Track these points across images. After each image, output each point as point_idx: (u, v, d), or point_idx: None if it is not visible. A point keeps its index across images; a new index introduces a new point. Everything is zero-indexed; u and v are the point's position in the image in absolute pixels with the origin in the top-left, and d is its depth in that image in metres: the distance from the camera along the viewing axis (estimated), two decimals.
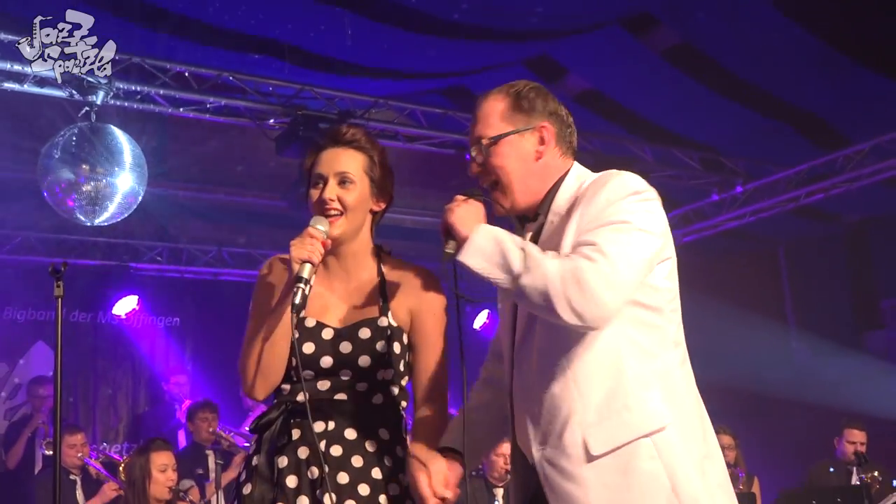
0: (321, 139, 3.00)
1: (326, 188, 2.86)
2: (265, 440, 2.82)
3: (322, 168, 2.90)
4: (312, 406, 2.75)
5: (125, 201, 7.06)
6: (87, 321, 10.35)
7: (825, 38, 8.17)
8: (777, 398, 10.42)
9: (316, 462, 2.74)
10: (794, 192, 9.88)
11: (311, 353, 2.82)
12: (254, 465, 2.83)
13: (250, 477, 2.82)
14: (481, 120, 2.80)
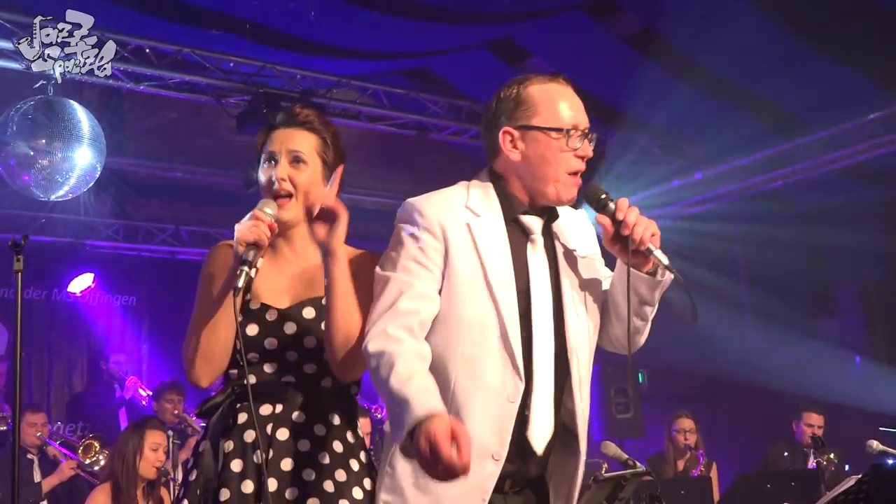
0: (273, 119, 2.94)
1: (278, 167, 2.82)
2: (210, 425, 2.78)
3: (274, 146, 2.85)
4: (259, 389, 2.72)
5: (82, 177, 6.96)
6: (41, 298, 10.23)
7: (786, 26, 8.25)
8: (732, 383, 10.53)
9: (263, 447, 2.69)
10: (752, 179, 9.96)
11: (255, 335, 2.76)
12: (200, 450, 2.77)
13: (196, 463, 2.76)
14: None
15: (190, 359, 2.72)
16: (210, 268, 2.84)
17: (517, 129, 2.72)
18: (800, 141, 9.45)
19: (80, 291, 10.25)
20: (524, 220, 2.73)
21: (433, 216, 2.66)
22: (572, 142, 2.68)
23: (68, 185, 6.94)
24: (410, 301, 2.58)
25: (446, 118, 9.35)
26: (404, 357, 2.48)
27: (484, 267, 2.63)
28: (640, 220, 2.65)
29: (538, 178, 2.70)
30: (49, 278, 10.14)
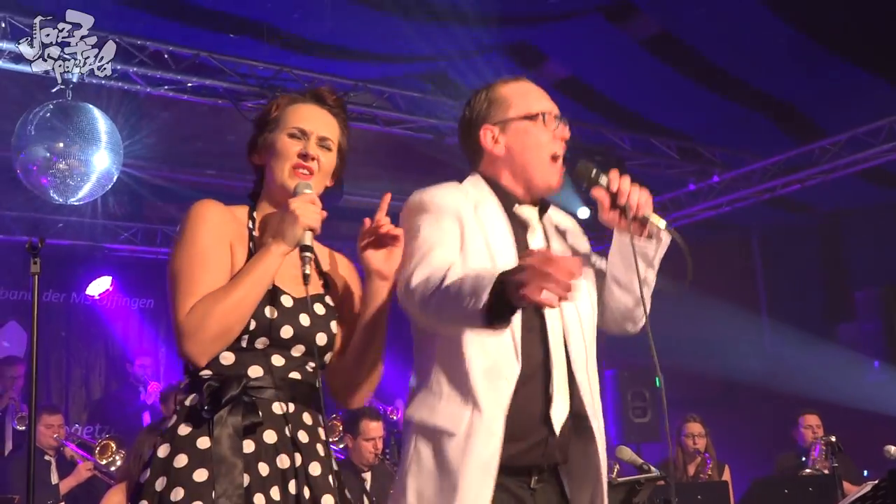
0: (297, 93, 2.82)
1: (309, 144, 2.66)
2: (223, 421, 2.44)
3: (305, 123, 2.68)
4: (266, 383, 2.52)
5: (100, 180, 7.00)
6: (60, 301, 10.29)
7: (803, 29, 8.22)
8: (749, 388, 10.49)
9: (285, 449, 2.50)
10: (769, 183, 9.93)
11: (274, 318, 2.54)
12: (203, 448, 2.43)
13: (203, 461, 2.41)
14: None
15: (205, 332, 2.42)
16: (209, 228, 2.56)
17: (496, 126, 2.85)
18: (817, 144, 9.41)
19: (98, 294, 10.31)
20: (520, 212, 2.84)
21: (449, 201, 2.74)
22: (549, 123, 2.84)
23: (86, 188, 6.97)
24: (442, 254, 2.63)
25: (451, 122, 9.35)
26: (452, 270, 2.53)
27: (491, 253, 2.68)
28: (634, 189, 2.77)
29: (525, 165, 2.82)
30: (68, 281, 10.21)
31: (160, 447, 2.46)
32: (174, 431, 2.48)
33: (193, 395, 2.51)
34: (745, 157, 10.17)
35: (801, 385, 9.46)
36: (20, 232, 9.50)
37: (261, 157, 2.73)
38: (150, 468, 2.45)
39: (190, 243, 2.54)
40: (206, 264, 2.52)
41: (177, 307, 2.48)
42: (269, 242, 2.53)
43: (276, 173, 2.66)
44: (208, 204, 2.62)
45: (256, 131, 2.75)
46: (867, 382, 10.00)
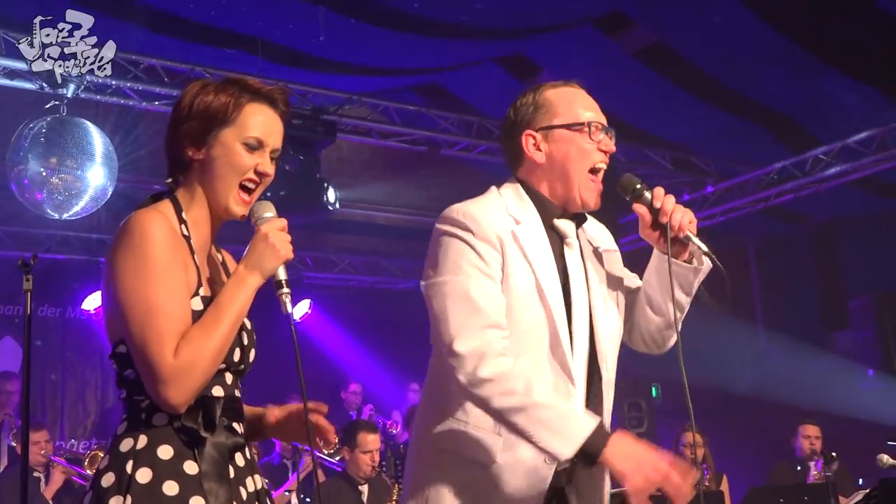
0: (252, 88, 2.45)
1: (264, 161, 2.42)
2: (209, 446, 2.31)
3: (262, 132, 2.41)
4: (226, 405, 2.37)
5: (95, 195, 6.99)
6: (55, 316, 10.27)
7: (797, 40, 8.25)
8: (745, 397, 10.50)
9: (251, 471, 2.42)
10: (763, 193, 9.96)
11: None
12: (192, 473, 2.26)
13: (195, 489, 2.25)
14: None
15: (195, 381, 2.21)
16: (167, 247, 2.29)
17: (539, 132, 2.75)
18: (811, 154, 9.44)
19: (94, 309, 10.29)
20: (559, 225, 2.75)
21: (488, 225, 2.63)
22: (594, 134, 2.75)
23: (81, 203, 6.97)
24: (487, 298, 2.57)
25: (457, 134, 9.37)
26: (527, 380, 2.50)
27: (535, 275, 2.63)
28: (678, 208, 2.71)
29: (563, 178, 2.73)
30: (63, 296, 10.18)
31: (138, 470, 2.22)
32: (152, 453, 2.24)
33: (161, 414, 2.27)
34: (739, 168, 10.20)
35: (797, 393, 9.47)
36: (14, 247, 9.49)
37: (203, 154, 2.41)
38: (127, 494, 2.20)
39: (155, 269, 2.23)
40: (176, 295, 2.25)
41: (157, 347, 2.19)
42: (244, 274, 2.33)
43: (220, 183, 2.40)
44: (157, 217, 2.31)
45: (203, 122, 2.39)
46: (861, 391, 10.02)
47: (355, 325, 11.43)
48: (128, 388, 2.34)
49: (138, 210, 2.35)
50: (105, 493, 2.22)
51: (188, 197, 2.44)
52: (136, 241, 2.26)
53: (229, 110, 2.39)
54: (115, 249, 2.30)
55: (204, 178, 2.42)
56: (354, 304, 11.75)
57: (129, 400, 2.33)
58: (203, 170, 2.42)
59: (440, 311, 2.57)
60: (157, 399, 2.21)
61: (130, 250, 2.26)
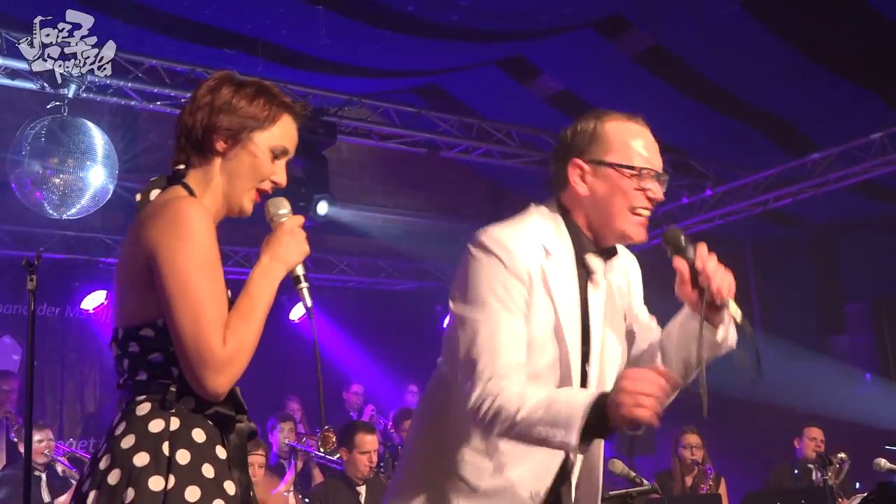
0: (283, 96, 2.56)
1: (281, 172, 2.53)
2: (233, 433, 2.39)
3: (289, 143, 2.53)
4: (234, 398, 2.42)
5: (95, 195, 7.02)
6: (54, 315, 10.29)
7: (795, 44, 8.27)
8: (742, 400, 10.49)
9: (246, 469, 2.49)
10: (762, 197, 9.97)
11: None
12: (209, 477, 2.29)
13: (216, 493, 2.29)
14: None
15: (239, 367, 2.29)
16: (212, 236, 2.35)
17: (589, 164, 2.68)
18: (810, 158, 9.45)
19: (93, 308, 10.31)
20: (589, 261, 2.70)
21: (520, 258, 2.57)
22: (644, 181, 2.66)
23: (81, 203, 7.00)
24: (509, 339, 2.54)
25: (457, 136, 9.39)
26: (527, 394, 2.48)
27: (557, 313, 2.59)
28: (719, 271, 2.62)
29: (603, 215, 2.67)
30: (62, 295, 10.20)
31: (177, 452, 2.26)
32: (188, 436, 2.29)
33: (189, 397, 2.32)
34: (738, 171, 10.21)
35: (794, 397, 9.49)
36: (14, 246, 9.51)
37: (229, 148, 2.48)
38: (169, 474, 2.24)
39: (205, 259, 2.30)
40: (222, 286, 2.33)
41: (209, 337, 2.24)
42: (270, 265, 2.41)
43: (239, 183, 2.48)
44: (203, 207, 2.37)
45: (240, 119, 2.47)
46: (859, 395, 10.04)
47: (354, 327, 11.46)
48: (148, 372, 2.35)
49: (179, 197, 2.38)
50: (141, 473, 2.23)
51: (201, 186, 2.48)
52: (185, 229, 2.29)
53: (268, 115, 2.48)
54: (159, 235, 2.30)
55: (226, 171, 2.48)
56: (353, 306, 11.77)
57: (152, 382, 2.34)
58: (227, 164, 2.48)
59: (464, 348, 2.55)
60: (201, 385, 2.25)
61: (180, 239, 2.28)
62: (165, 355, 2.32)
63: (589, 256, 2.69)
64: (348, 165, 11.77)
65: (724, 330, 2.69)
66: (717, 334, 2.67)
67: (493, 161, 9.71)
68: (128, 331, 2.37)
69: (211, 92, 2.50)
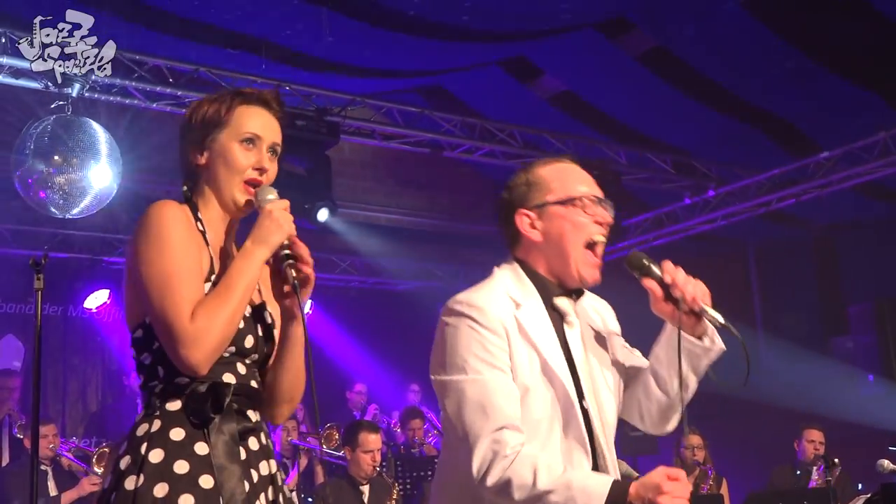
0: (245, 93, 2.65)
1: (262, 155, 2.58)
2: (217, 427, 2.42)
3: (259, 129, 2.58)
4: (238, 391, 2.48)
5: (99, 195, 7.02)
6: (57, 314, 10.30)
7: (798, 45, 8.28)
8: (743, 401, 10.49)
9: (264, 456, 2.52)
10: (765, 197, 9.97)
11: (240, 327, 2.49)
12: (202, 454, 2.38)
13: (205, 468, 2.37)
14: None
15: (212, 339, 2.35)
16: (183, 229, 2.47)
17: (534, 210, 2.73)
18: (813, 159, 9.45)
19: (95, 308, 10.32)
20: (558, 304, 2.72)
21: (494, 314, 2.60)
22: (589, 208, 2.71)
23: (84, 202, 7.00)
24: (497, 397, 2.53)
25: (459, 136, 9.39)
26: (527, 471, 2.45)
27: (541, 355, 2.61)
28: (689, 280, 2.66)
29: (560, 254, 2.70)
30: (65, 294, 10.22)
31: (151, 451, 2.35)
32: (164, 436, 2.37)
33: (175, 400, 2.41)
34: (741, 172, 10.22)
35: (796, 398, 9.49)
36: (18, 245, 9.53)
37: (205, 158, 2.58)
38: (140, 473, 2.32)
39: (170, 246, 2.41)
40: (191, 268, 2.43)
41: (175, 313, 2.34)
42: (250, 248, 2.47)
43: (223, 183, 2.57)
44: (173, 205, 2.50)
45: (202, 129, 2.58)
46: (861, 396, 10.03)
47: (356, 326, 11.47)
48: (144, 375, 2.48)
49: (153, 204, 2.51)
50: (122, 475, 2.35)
51: (201, 200, 2.61)
52: (153, 222, 2.45)
53: (222, 113, 2.58)
54: (134, 236, 2.47)
55: (210, 179, 2.60)
56: (355, 305, 11.79)
57: (146, 387, 2.47)
58: (208, 172, 2.60)
59: (454, 415, 2.56)
60: (178, 361, 2.35)
61: (147, 232, 2.44)
62: (153, 356, 2.45)
63: (557, 299, 2.72)
64: (351, 165, 11.78)
65: (709, 337, 2.70)
66: (704, 342, 2.69)
67: (495, 161, 9.71)
68: (131, 336, 2.51)
69: (183, 123, 2.64)
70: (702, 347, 2.69)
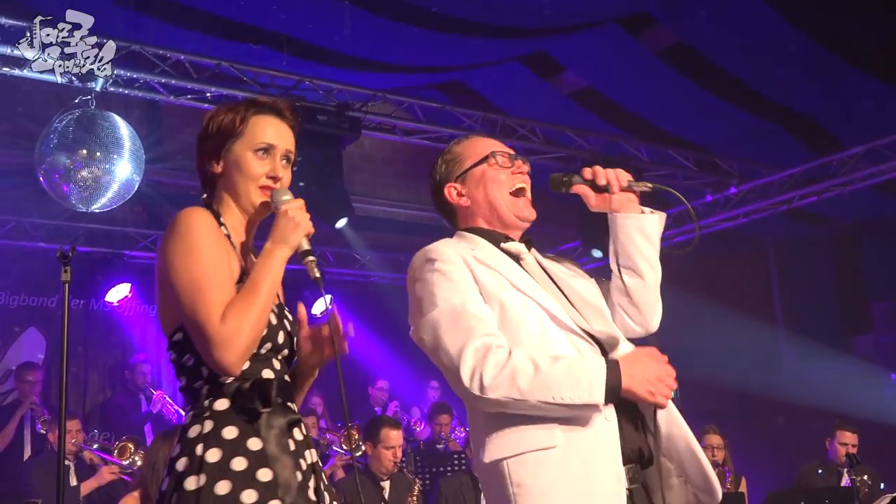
0: (259, 102, 2.76)
1: (277, 164, 2.68)
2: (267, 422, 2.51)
3: (272, 138, 2.68)
4: (280, 385, 2.58)
5: (121, 189, 7.06)
6: (79, 308, 10.33)
7: (821, 41, 8.23)
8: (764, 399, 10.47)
9: (307, 446, 2.61)
10: (786, 195, 9.92)
11: (273, 323, 2.61)
12: (256, 449, 2.46)
13: (262, 462, 2.46)
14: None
15: (243, 340, 2.43)
16: (212, 235, 2.57)
17: (457, 181, 2.97)
18: (835, 156, 9.40)
19: (117, 301, 10.37)
20: (508, 248, 2.90)
21: (451, 253, 2.79)
22: (502, 161, 2.94)
23: (107, 197, 7.04)
24: (470, 313, 2.67)
25: (480, 132, 9.37)
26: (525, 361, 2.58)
27: (505, 276, 2.76)
28: (608, 169, 2.92)
29: (493, 209, 2.91)
30: (87, 288, 10.26)
31: (208, 451, 2.43)
32: (218, 435, 2.45)
33: (222, 399, 2.50)
34: (763, 169, 10.17)
35: (817, 397, 9.45)
36: (41, 239, 9.58)
37: (221, 167, 2.69)
38: (200, 473, 2.40)
39: (200, 250, 2.51)
40: (221, 272, 2.52)
41: (206, 316, 2.43)
42: (271, 248, 2.57)
43: (240, 190, 2.67)
44: (202, 212, 2.61)
45: (218, 139, 2.69)
46: (883, 394, 9.98)
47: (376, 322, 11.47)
48: (187, 376, 2.56)
49: (181, 211, 2.59)
50: (181, 476, 2.43)
51: (222, 207, 2.72)
52: (182, 229, 2.54)
53: (237, 124, 2.68)
54: (164, 242, 2.56)
55: (227, 187, 2.71)
56: (375, 301, 11.79)
57: (189, 388, 2.56)
58: (225, 180, 2.71)
59: (434, 344, 2.70)
60: (212, 363, 2.45)
61: (177, 238, 2.53)
62: (195, 357, 2.52)
63: (505, 244, 2.90)
64: (371, 161, 11.79)
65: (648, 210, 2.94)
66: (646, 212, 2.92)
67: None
68: (168, 341, 2.59)
69: (200, 133, 2.73)
70: (645, 217, 2.91)
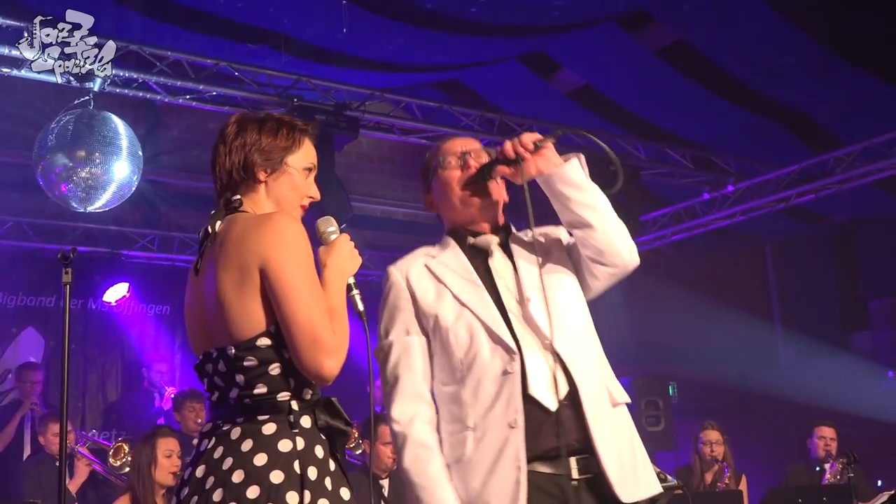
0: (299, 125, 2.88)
1: (314, 187, 2.87)
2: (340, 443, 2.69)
3: (314, 160, 2.88)
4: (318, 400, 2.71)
5: (120, 189, 7.05)
6: (76, 308, 10.32)
7: (819, 38, 8.24)
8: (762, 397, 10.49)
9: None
10: (784, 193, 9.92)
11: None
12: (334, 468, 2.62)
13: (342, 481, 2.62)
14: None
15: (344, 351, 2.58)
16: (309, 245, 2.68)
17: (428, 189, 3.22)
18: (833, 154, 9.40)
19: (115, 301, 10.36)
20: (477, 242, 3.09)
21: (397, 272, 3.12)
22: (446, 162, 3.13)
23: (106, 196, 7.03)
24: (408, 373, 3.02)
25: (478, 131, 9.37)
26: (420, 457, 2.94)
27: (446, 285, 3.01)
28: (514, 140, 3.05)
29: (447, 208, 3.15)
30: (85, 288, 10.25)
31: (308, 469, 2.53)
32: (311, 453, 2.57)
33: (305, 416, 2.61)
34: (760, 167, 10.18)
35: (815, 395, 9.46)
36: (37, 239, 9.58)
37: (269, 175, 2.78)
38: (304, 490, 2.50)
39: (310, 260, 2.62)
40: (319, 283, 2.65)
41: (322, 323, 2.53)
42: (338, 272, 2.74)
43: (286, 204, 2.79)
44: (298, 222, 2.70)
45: (277, 150, 2.79)
46: (881, 392, 9.99)
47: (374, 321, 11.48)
48: (267, 385, 2.58)
49: (273, 213, 2.70)
50: (279, 489, 2.48)
51: (257, 211, 2.77)
52: (290, 236, 2.59)
53: (294, 141, 2.80)
54: (269, 245, 2.58)
55: (272, 195, 2.79)
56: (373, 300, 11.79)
57: (264, 398, 2.59)
58: (271, 189, 2.79)
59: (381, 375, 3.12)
60: (317, 370, 2.52)
61: (286, 245, 2.58)
62: (283, 366, 2.57)
63: (472, 239, 3.09)
64: (369, 160, 11.79)
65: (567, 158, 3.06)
66: (569, 160, 3.05)
67: None
68: (241, 344, 2.58)
69: (239, 134, 2.80)
70: (563, 167, 3.03)
